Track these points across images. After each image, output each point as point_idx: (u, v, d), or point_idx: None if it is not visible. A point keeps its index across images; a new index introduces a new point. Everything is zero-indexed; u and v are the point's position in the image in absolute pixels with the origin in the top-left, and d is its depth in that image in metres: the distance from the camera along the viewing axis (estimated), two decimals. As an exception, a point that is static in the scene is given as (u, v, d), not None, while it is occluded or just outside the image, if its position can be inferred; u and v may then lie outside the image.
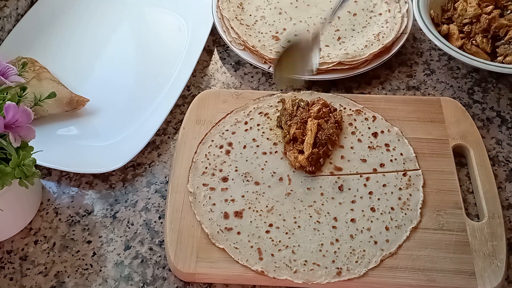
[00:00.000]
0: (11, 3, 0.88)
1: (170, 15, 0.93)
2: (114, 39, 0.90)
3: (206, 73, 0.85)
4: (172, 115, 0.79)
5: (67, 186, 0.72)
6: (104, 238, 0.67)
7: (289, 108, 0.74)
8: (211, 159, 0.70)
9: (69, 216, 0.69)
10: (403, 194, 0.67)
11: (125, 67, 0.86)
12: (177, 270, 0.62)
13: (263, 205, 0.66)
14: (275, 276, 0.60)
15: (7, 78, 0.61)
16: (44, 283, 0.63)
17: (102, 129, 0.77)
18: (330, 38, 0.85)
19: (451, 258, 0.62)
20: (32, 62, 0.80)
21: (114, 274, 0.64)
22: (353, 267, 0.61)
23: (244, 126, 0.74)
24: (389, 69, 0.85)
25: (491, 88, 0.82)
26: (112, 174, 0.73)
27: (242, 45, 0.84)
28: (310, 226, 0.64)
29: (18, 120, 0.57)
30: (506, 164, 0.73)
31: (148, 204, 0.70)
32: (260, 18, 0.88)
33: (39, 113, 0.75)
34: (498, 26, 0.79)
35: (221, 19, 0.87)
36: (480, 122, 0.78)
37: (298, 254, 0.62)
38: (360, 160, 0.70)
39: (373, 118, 0.74)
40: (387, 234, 0.63)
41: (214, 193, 0.67)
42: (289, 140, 0.71)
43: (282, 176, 0.69)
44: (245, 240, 0.63)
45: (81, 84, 0.81)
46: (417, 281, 0.60)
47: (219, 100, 0.77)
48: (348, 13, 0.88)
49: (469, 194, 0.70)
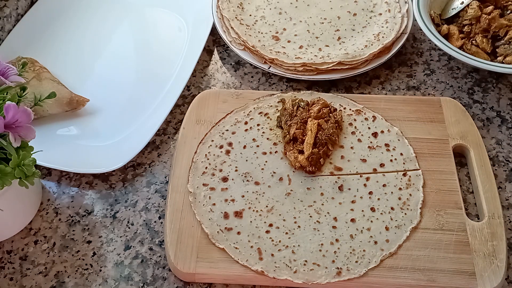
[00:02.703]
0: (11, 3, 0.88)
1: (170, 15, 0.93)
2: (114, 39, 0.90)
3: (206, 73, 0.85)
4: (172, 115, 0.79)
5: (67, 186, 0.72)
6: (104, 238, 0.67)
7: (289, 108, 0.74)
8: (211, 159, 0.70)
9: (69, 216, 0.69)
10: (403, 194, 0.67)
11: (125, 67, 0.86)
12: (177, 270, 0.62)
13: (263, 205, 0.66)
14: (275, 276, 0.60)
15: (7, 78, 0.61)
16: (44, 283, 0.63)
17: (102, 129, 0.77)
18: (330, 38, 0.85)
19: (451, 258, 0.62)
20: (32, 62, 0.80)
21: (114, 274, 0.64)
22: (353, 267, 0.61)
23: (244, 126, 0.74)
24: (389, 69, 0.85)
25: (491, 88, 0.82)
26: (112, 174, 0.73)
27: (242, 45, 0.84)
28: (310, 226, 0.64)
29: (18, 120, 0.57)
30: (506, 164, 0.73)
31: (148, 204, 0.70)
32: (260, 18, 0.88)
33: (39, 113, 0.75)
34: (498, 26, 0.79)
35: (221, 19, 0.87)
36: (480, 122, 0.78)
37: (298, 254, 0.62)
38: (360, 160, 0.70)
39: (373, 118, 0.74)
40: (387, 234, 0.63)
41: (214, 193, 0.67)
42: (289, 140, 0.71)
43: (282, 176, 0.69)
44: (245, 240, 0.63)
45: (81, 84, 0.82)
46: (417, 281, 0.60)
47: (219, 100, 0.77)
48: (348, 13, 0.88)
49: (469, 194, 0.70)
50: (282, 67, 0.81)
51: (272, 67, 0.82)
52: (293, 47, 0.83)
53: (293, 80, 0.83)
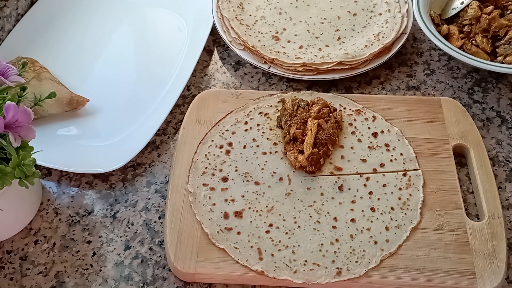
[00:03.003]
0: (11, 3, 0.88)
1: (170, 15, 0.93)
2: (114, 39, 0.90)
3: (206, 73, 0.85)
4: (172, 115, 0.79)
5: (67, 186, 0.72)
6: (104, 238, 0.67)
7: (289, 108, 0.74)
8: (211, 159, 0.70)
9: (69, 216, 0.69)
10: (403, 194, 0.67)
11: (125, 67, 0.86)
12: (177, 270, 0.62)
13: (263, 205, 0.66)
14: (275, 276, 0.60)
15: (7, 78, 0.61)
16: (44, 283, 0.63)
17: (102, 129, 0.77)
18: (330, 38, 0.85)
19: (451, 258, 0.62)
20: (32, 62, 0.80)
21: (114, 274, 0.64)
22: (353, 267, 0.61)
23: (244, 126, 0.74)
24: (389, 69, 0.85)
25: (491, 88, 0.82)
26: (112, 174, 0.73)
27: (242, 45, 0.84)
28: (310, 226, 0.64)
29: (18, 120, 0.57)
30: (506, 164, 0.73)
31: (148, 204, 0.70)
32: (260, 18, 0.88)
33: (39, 113, 0.75)
34: (498, 26, 0.79)
35: (221, 19, 0.87)
36: (480, 122, 0.78)
37: (298, 254, 0.62)
38: (360, 160, 0.70)
39: (373, 118, 0.74)
40: (387, 234, 0.63)
41: (214, 193, 0.67)
42: (289, 140, 0.71)
43: (282, 176, 0.69)
44: (245, 240, 0.63)
45: (81, 84, 0.82)
46: (417, 281, 0.60)
47: (219, 100, 0.77)
48: (348, 13, 0.88)
49: (469, 194, 0.70)
50: (282, 67, 0.81)
51: (272, 67, 0.82)
52: (293, 47, 0.83)
53: (293, 80, 0.83)
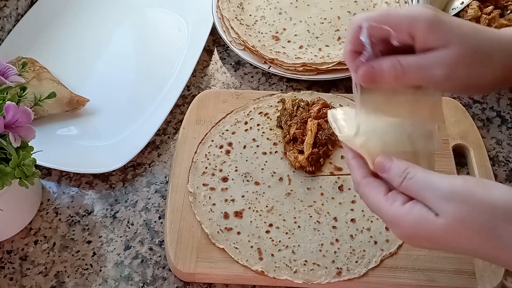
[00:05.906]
0: (11, 3, 0.88)
1: (170, 15, 0.93)
2: (114, 39, 0.90)
3: (206, 73, 0.85)
4: (172, 115, 0.79)
5: (67, 186, 0.72)
6: (104, 238, 0.67)
7: (289, 108, 0.74)
8: (211, 159, 0.70)
9: (69, 216, 0.69)
10: (403, 194, 0.67)
11: (125, 67, 0.86)
12: (177, 270, 0.62)
13: (263, 205, 0.66)
14: (275, 276, 0.60)
15: (7, 78, 0.61)
16: (44, 283, 0.63)
17: (102, 129, 0.77)
18: (330, 38, 0.85)
19: (451, 258, 0.62)
20: (32, 62, 0.80)
21: (114, 274, 0.64)
22: (353, 267, 0.61)
23: (244, 126, 0.74)
24: (389, 69, 0.85)
25: (491, 88, 0.82)
26: (112, 174, 0.73)
27: (242, 45, 0.84)
28: (310, 226, 0.64)
29: (18, 120, 0.57)
30: (506, 164, 0.73)
31: (148, 204, 0.70)
32: (260, 18, 0.88)
33: (39, 113, 0.75)
34: (498, 26, 0.79)
35: (221, 19, 0.87)
36: (480, 122, 0.78)
37: (298, 254, 0.62)
38: (360, 160, 0.70)
39: (373, 118, 0.74)
40: (387, 234, 0.63)
41: (214, 193, 0.67)
42: (289, 140, 0.71)
43: (282, 176, 0.69)
44: (245, 240, 0.63)
45: (81, 84, 0.81)
46: (417, 281, 0.60)
47: (219, 100, 0.77)
48: (348, 13, 0.88)
49: (469, 194, 0.70)
50: (282, 67, 0.81)
51: (272, 67, 0.82)
52: (293, 47, 0.83)
53: (293, 80, 0.83)
